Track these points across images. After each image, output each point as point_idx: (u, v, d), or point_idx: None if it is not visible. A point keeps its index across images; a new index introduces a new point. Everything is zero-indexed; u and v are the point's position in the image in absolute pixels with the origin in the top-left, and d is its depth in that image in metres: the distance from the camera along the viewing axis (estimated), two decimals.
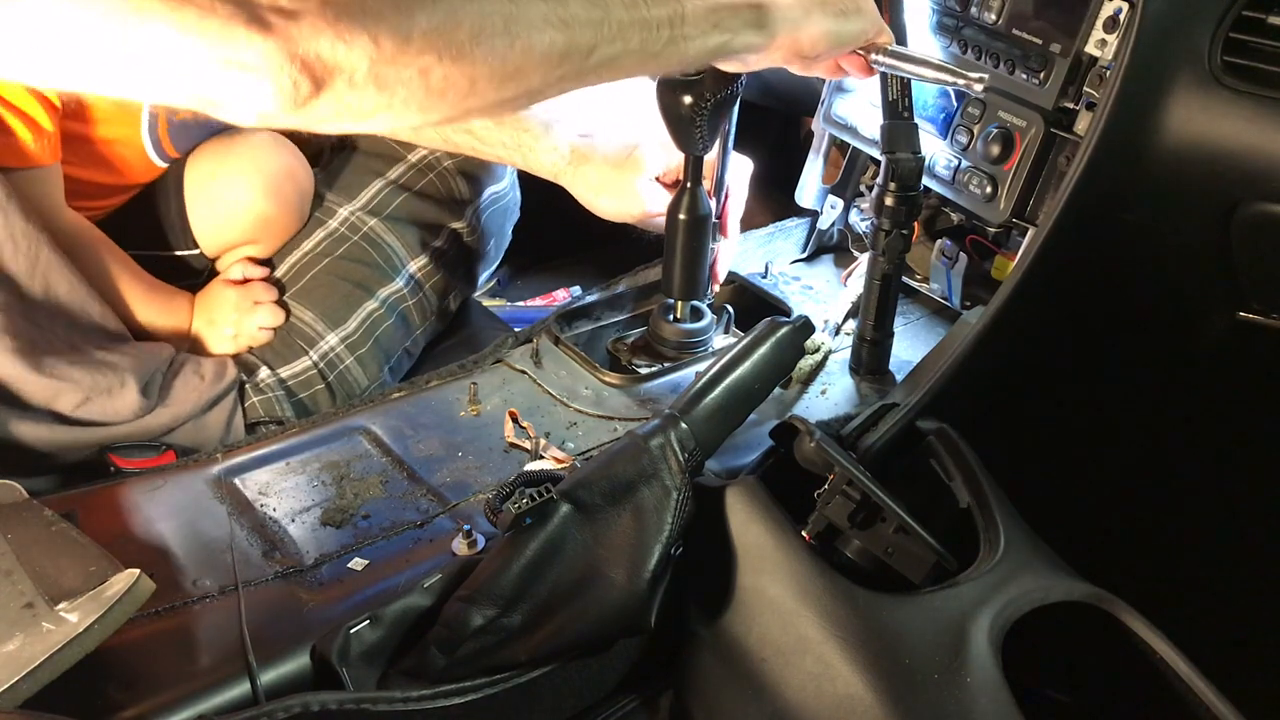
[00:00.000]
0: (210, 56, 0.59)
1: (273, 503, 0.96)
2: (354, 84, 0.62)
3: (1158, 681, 0.76)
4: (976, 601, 0.76)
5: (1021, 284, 1.00)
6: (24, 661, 0.69)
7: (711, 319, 1.19)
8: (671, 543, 0.80)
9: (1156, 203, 1.00)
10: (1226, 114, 0.94)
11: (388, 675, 0.79)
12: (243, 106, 0.62)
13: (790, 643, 0.76)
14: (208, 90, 0.61)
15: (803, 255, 1.39)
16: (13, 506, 0.84)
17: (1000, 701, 0.71)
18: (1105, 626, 0.78)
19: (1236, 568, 1.20)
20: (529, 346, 1.18)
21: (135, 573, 0.74)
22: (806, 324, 0.95)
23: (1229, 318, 1.06)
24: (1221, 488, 1.19)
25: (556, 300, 1.77)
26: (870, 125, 1.23)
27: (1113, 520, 1.21)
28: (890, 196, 1.05)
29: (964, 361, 1.00)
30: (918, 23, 1.16)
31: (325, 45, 0.60)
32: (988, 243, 1.17)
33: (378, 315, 1.32)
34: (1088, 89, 1.03)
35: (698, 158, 1.08)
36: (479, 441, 1.04)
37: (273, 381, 1.25)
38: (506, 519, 0.79)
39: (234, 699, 0.76)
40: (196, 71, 0.59)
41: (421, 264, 1.36)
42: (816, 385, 1.13)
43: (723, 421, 0.87)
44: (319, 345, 1.28)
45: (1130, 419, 1.17)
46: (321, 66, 0.61)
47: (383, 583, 0.86)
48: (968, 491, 0.85)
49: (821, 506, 0.82)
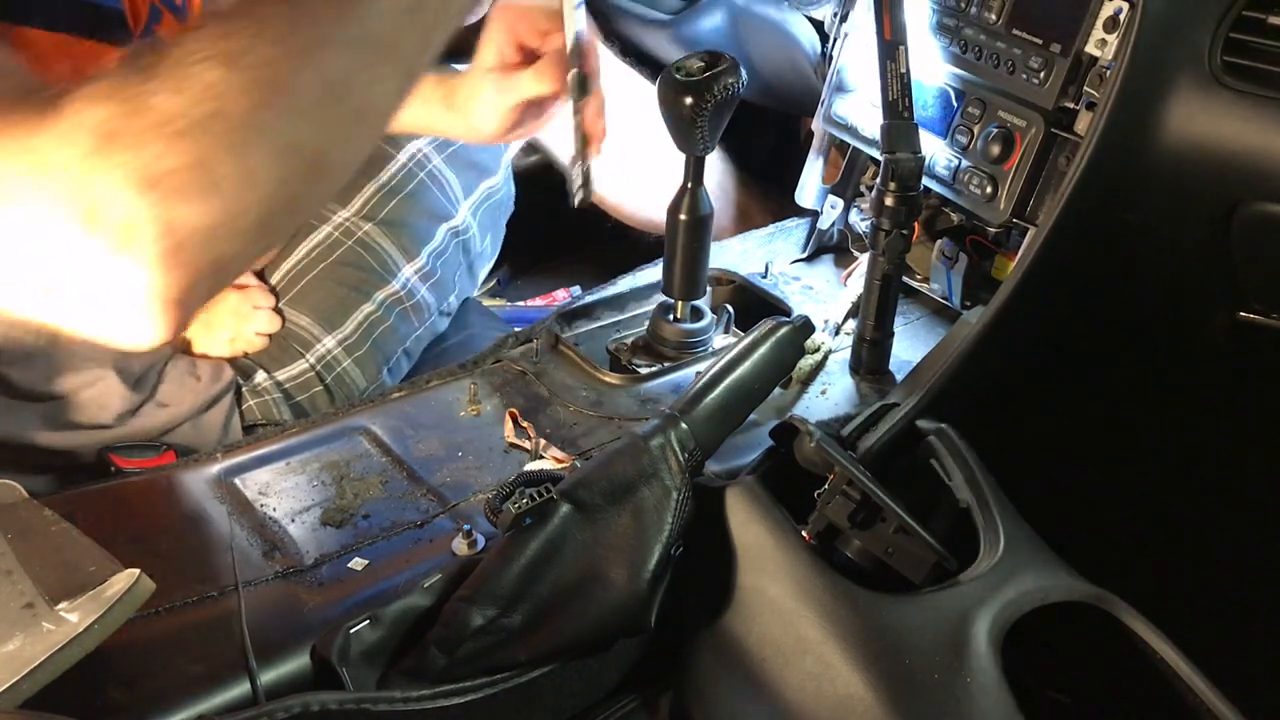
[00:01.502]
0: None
1: (273, 503, 0.96)
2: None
3: (1158, 681, 0.76)
4: (976, 601, 0.76)
5: (1021, 284, 1.00)
6: (24, 661, 0.69)
7: (711, 319, 1.19)
8: (671, 543, 0.80)
9: (1156, 203, 1.00)
10: (1226, 114, 0.95)
11: (388, 675, 0.79)
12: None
13: (790, 643, 0.76)
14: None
15: (803, 255, 1.39)
16: (13, 506, 0.84)
17: (1000, 701, 0.71)
18: (1105, 626, 0.78)
19: (1237, 568, 1.20)
20: (529, 346, 1.18)
21: (135, 573, 0.74)
22: (806, 324, 0.94)
23: (1229, 318, 1.06)
24: (1221, 487, 1.19)
25: (556, 300, 1.77)
26: (870, 125, 1.23)
27: (1113, 520, 1.21)
28: (890, 196, 1.05)
29: (964, 361, 1.00)
30: (918, 23, 1.16)
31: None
32: (988, 243, 1.17)
33: (375, 317, 1.32)
34: (1088, 89, 1.03)
35: (699, 158, 1.08)
36: (479, 441, 1.04)
37: (270, 385, 1.25)
38: (506, 519, 0.79)
39: (234, 699, 0.76)
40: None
41: (418, 265, 1.36)
42: (816, 385, 1.13)
43: (723, 421, 0.87)
44: (315, 349, 1.28)
45: (1130, 419, 1.17)
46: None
47: (383, 583, 0.86)
48: (968, 491, 0.85)
49: (821, 506, 0.82)
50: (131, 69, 0.58)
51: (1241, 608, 1.20)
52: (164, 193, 0.57)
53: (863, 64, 1.26)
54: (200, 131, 0.58)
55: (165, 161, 0.57)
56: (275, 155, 0.60)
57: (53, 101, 0.57)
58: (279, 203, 0.62)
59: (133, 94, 0.57)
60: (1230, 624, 1.19)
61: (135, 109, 0.57)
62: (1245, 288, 1.03)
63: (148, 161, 0.57)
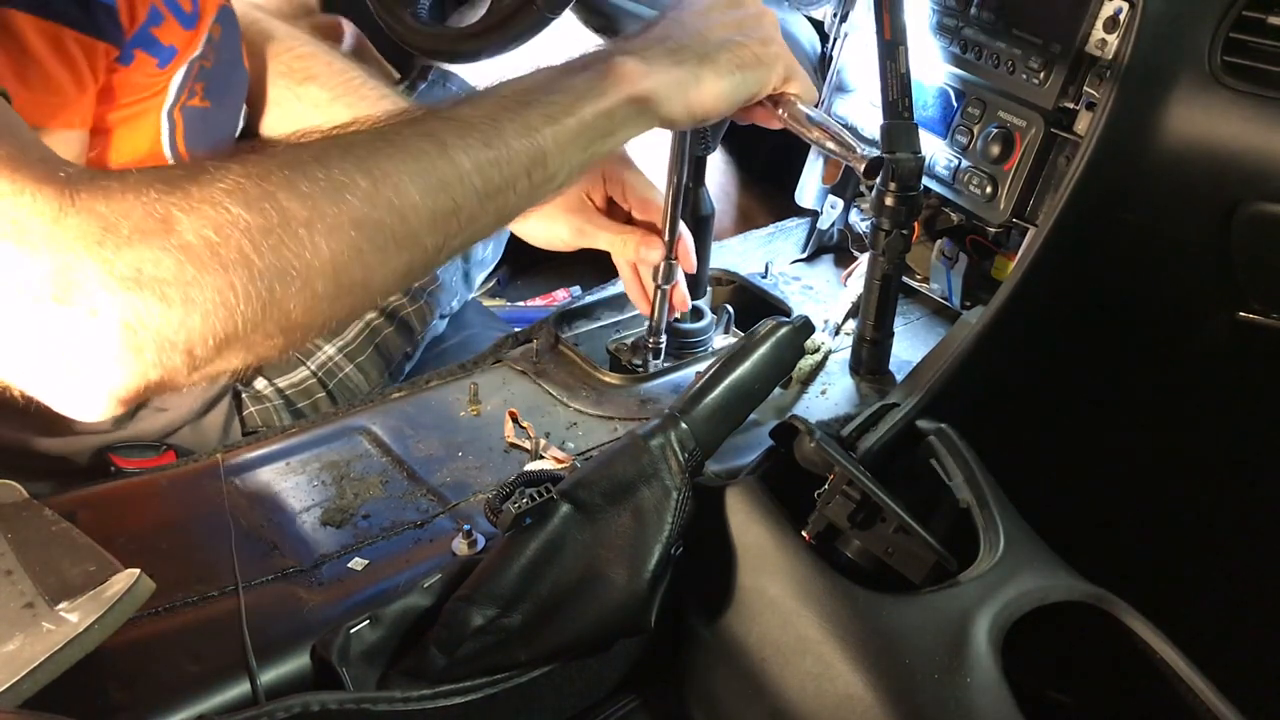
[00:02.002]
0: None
1: (273, 503, 0.96)
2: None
3: (1158, 681, 0.76)
4: (976, 601, 0.76)
5: (1021, 284, 1.00)
6: (24, 661, 0.68)
7: (711, 319, 1.19)
8: (671, 543, 0.80)
9: (1156, 203, 1.00)
10: (1226, 114, 0.95)
11: (388, 675, 0.79)
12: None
13: (790, 643, 0.76)
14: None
15: (803, 255, 1.39)
16: (13, 506, 0.84)
17: (1000, 701, 0.71)
18: (1105, 626, 0.78)
19: (1237, 567, 1.20)
20: (529, 346, 1.18)
21: (135, 573, 0.74)
22: (806, 324, 0.94)
23: (1229, 318, 1.06)
24: (1222, 487, 1.19)
25: (556, 300, 1.78)
26: (870, 125, 1.23)
27: (1112, 520, 1.21)
28: (890, 196, 1.05)
29: (964, 361, 1.00)
30: (918, 23, 1.16)
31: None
32: (988, 243, 1.17)
33: (377, 324, 1.31)
34: (1088, 89, 1.03)
35: (699, 158, 1.08)
36: (479, 441, 1.04)
37: (271, 391, 1.25)
38: (506, 519, 0.79)
39: (234, 699, 0.76)
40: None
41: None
42: (816, 385, 1.13)
43: (723, 421, 0.87)
44: (316, 356, 1.28)
45: (1130, 419, 1.17)
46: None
47: (383, 583, 0.86)
48: (968, 491, 0.85)
49: (821, 506, 0.82)
50: (161, 174, 0.61)
51: (1241, 608, 1.20)
52: (142, 295, 0.59)
53: (863, 64, 1.26)
54: (199, 253, 0.60)
55: (155, 269, 0.59)
56: (257, 302, 0.62)
57: (72, 181, 0.59)
58: (244, 338, 0.63)
59: (152, 198, 0.60)
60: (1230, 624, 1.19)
61: (148, 212, 0.59)
62: (1245, 288, 1.03)
63: (139, 263, 0.58)
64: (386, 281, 0.69)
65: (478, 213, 0.72)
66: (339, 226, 0.64)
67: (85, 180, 0.59)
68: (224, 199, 0.61)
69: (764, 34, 0.89)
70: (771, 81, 0.89)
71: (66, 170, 0.60)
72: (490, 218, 0.73)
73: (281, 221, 0.62)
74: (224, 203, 0.61)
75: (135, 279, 0.58)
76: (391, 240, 0.67)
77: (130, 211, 0.59)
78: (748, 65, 0.86)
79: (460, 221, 0.71)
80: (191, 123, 1.17)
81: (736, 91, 0.86)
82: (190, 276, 0.59)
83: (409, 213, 0.67)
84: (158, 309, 0.59)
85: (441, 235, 0.70)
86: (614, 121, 0.79)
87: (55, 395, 0.62)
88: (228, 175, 0.62)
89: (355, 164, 0.66)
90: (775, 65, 0.89)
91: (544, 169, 0.75)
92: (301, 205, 0.63)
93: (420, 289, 1.36)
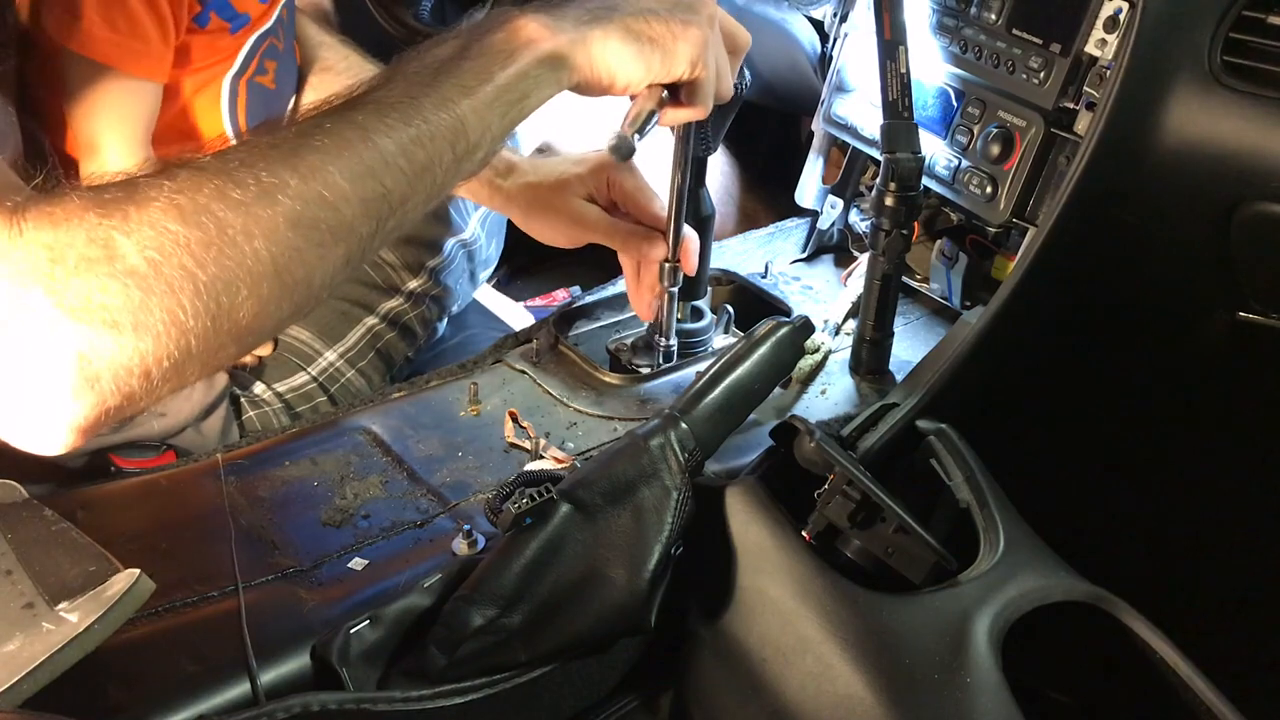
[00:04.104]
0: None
1: (273, 502, 0.96)
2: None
3: (1158, 681, 0.76)
4: (976, 601, 0.76)
5: (1021, 284, 1.00)
6: (24, 661, 0.69)
7: (711, 319, 1.19)
8: (671, 543, 0.80)
9: (1156, 203, 1.00)
10: (1226, 114, 0.94)
11: (388, 675, 0.79)
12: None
13: (790, 643, 0.76)
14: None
15: (803, 255, 1.39)
16: (13, 506, 0.84)
17: (1000, 701, 0.71)
18: (1105, 626, 0.78)
19: (1237, 567, 1.20)
20: (529, 346, 1.18)
21: (135, 573, 0.74)
22: (806, 324, 0.94)
23: (1229, 318, 1.06)
24: (1221, 487, 1.19)
25: (556, 300, 1.77)
26: (870, 125, 1.23)
27: (1113, 520, 1.21)
28: (890, 196, 1.05)
29: (964, 361, 1.00)
30: (918, 23, 1.16)
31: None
32: (988, 243, 1.17)
33: (379, 329, 1.31)
34: (1088, 89, 1.03)
35: (700, 159, 1.08)
36: (479, 441, 1.04)
37: (270, 396, 1.25)
38: (506, 519, 0.79)
39: (234, 699, 0.76)
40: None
41: (423, 280, 1.35)
42: (816, 385, 1.13)
43: (723, 421, 0.87)
44: (316, 362, 1.28)
45: (1130, 419, 1.17)
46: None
47: (383, 583, 0.86)
48: (968, 491, 0.85)
49: (821, 506, 0.82)
50: (98, 198, 0.60)
51: (1241, 608, 1.20)
52: (93, 325, 0.59)
53: (863, 64, 1.26)
54: (144, 277, 0.59)
55: (104, 296, 0.59)
56: (207, 316, 0.62)
57: (19, 210, 0.59)
58: (198, 353, 0.63)
59: (93, 224, 0.59)
60: (1230, 624, 1.19)
61: (91, 239, 0.59)
62: (1245, 288, 1.03)
63: (87, 292, 0.58)
64: (327, 275, 0.69)
65: (408, 193, 0.71)
66: (275, 229, 0.64)
67: (31, 208, 0.59)
68: (161, 218, 0.60)
69: (689, 16, 0.85)
70: (679, 63, 0.84)
71: (14, 199, 0.59)
72: (420, 196, 0.73)
73: (219, 232, 0.62)
74: (162, 221, 0.60)
75: (84, 309, 0.58)
76: (328, 234, 0.67)
77: (75, 240, 0.58)
78: (659, 39, 0.83)
79: (391, 204, 0.70)
80: (255, 100, 1.16)
81: (642, 58, 0.82)
82: (138, 301, 0.59)
83: (341, 204, 0.67)
84: (109, 338, 0.59)
85: (375, 221, 0.70)
86: (527, 82, 0.77)
87: (13, 431, 0.62)
88: (161, 192, 0.61)
89: (282, 163, 0.66)
90: (687, 48, 0.84)
91: (466, 140, 0.74)
92: (235, 213, 0.63)
93: (424, 294, 1.36)
